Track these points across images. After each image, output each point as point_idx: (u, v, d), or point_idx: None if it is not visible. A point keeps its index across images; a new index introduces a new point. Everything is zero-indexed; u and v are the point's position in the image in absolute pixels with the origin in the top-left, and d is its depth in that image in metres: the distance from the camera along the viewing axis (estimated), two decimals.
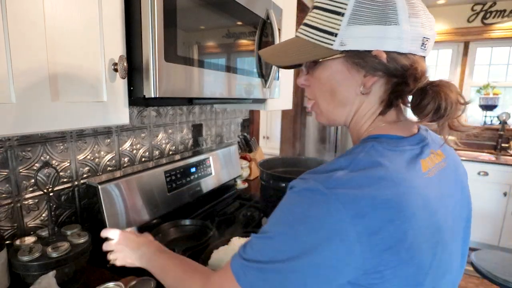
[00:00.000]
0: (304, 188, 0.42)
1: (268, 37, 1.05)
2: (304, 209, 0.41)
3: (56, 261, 0.71)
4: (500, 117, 3.01)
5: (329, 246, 0.39)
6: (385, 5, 0.44)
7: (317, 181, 0.41)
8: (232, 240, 0.88)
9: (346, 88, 0.50)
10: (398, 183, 0.42)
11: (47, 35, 0.51)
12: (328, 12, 0.47)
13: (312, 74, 0.53)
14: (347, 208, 0.38)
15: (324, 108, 0.54)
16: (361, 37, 0.45)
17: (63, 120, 0.56)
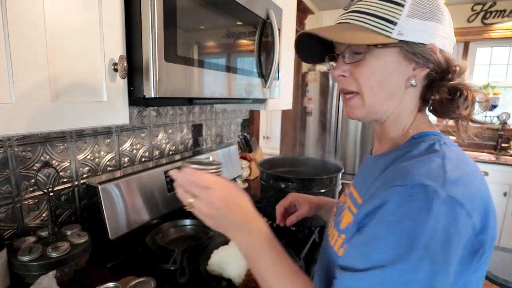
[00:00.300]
0: (424, 199, 0.38)
1: (268, 37, 1.05)
2: (431, 223, 0.37)
3: (56, 261, 0.71)
4: (500, 117, 3.01)
5: (458, 254, 0.39)
6: (436, 5, 0.49)
7: (435, 187, 0.39)
8: None
9: (395, 80, 0.50)
10: (481, 174, 0.45)
11: (47, 35, 0.51)
12: (386, 1, 0.48)
13: (358, 64, 0.51)
14: (468, 208, 0.38)
15: (369, 99, 0.51)
16: (418, 30, 0.47)
17: (63, 120, 0.56)
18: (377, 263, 0.39)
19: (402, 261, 0.37)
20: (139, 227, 0.97)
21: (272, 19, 1.02)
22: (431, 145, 0.47)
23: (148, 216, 1.01)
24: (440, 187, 0.38)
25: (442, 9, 0.50)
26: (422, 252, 0.37)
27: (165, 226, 1.03)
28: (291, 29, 1.49)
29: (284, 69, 1.40)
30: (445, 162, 0.42)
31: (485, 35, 3.09)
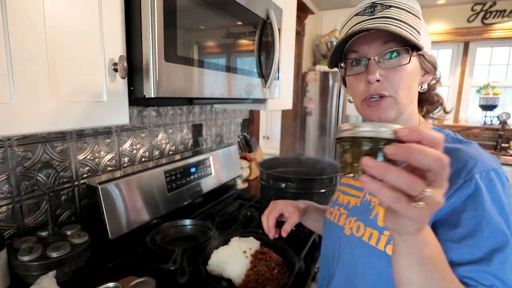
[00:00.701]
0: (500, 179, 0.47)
1: (268, 37, 1.05)
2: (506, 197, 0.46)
3: (56, 261, 0.71)
4: (500, 117, 3.01)
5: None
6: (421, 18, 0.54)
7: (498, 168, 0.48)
8: (232, 240, 0.88)
9: (415, 84, 0.57)
10: None
11: (47, 35, 0.51)
12: (409, 13, 0.53)
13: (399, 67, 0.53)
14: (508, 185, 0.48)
15: (403, 101, 0.54)
16: (426, 40, 0.55)
17: (63, 120, 0.56)
18: (494, 246, 0.42)
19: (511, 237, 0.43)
20: (139, 227, 0.97)
21: (272, 19, 1.02)
22: (455, 137, 0.56)
23: (148, 216, 1.01)
24: (500, 168, 0.48)
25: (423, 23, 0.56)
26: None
27: (165, 226, 1.03)
28: (291, 29, 1.49)
29: (284, 69, 1.40)
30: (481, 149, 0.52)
31: (485, 35, 3.09)
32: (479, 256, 0.43)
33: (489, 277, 0.42)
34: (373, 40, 0.53)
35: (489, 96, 3.07)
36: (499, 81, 3.18)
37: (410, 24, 0.51)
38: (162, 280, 0.77)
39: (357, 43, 0.55)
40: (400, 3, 0.53)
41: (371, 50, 0.54)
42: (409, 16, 0.52)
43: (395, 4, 0.53)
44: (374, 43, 0.53)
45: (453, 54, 3.34)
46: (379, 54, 0.53)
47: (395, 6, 0.52)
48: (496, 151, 3.07)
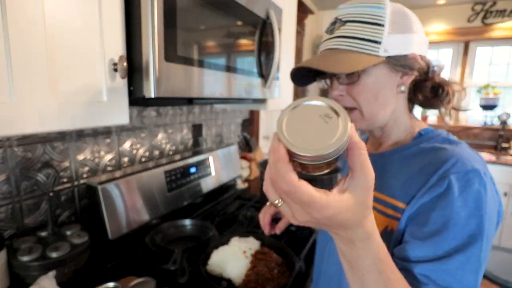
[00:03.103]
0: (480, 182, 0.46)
1: (268, 37, 1.05)
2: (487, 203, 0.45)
3: (56, 261, 0.71)
4: (500, 117, 3.01)
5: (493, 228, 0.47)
6: (408, 17, 0.54)
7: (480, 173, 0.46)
8: (232, 240, 0.88)
9: (387, 90, 0.56)
10: None
11: (47, 35, 0.51)
12: (367, 24, 0.53)
13: (354, 83, 0.56)
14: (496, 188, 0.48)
15: (368, 113, 0.57)
16: (400, 43, 0.53)
17: (63, 120, 0.56)
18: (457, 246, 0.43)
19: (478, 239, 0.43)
20: (139, 227, 0.97)
21: (272, 19, 1.02)
22: (446, 137, 0.55)
23: (148, 216, 1.01)
24: (484, 170, 0.47)
25: (413, 19, 0.55)
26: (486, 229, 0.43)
27: (165, 226, 1.03)
28: (291, 29, 1.49)
29: (284, 69, 1.40)
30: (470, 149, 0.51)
31: (485, 35, 3.09)
32: (440, 255, 0.43)
33: (446, 277, 0.42)
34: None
35: (489, 96, 3.07)
36: (499, 81, 3.18)
37: (364, 37, 0.52)
38: (162, 280, 0.77)
39: None
40: (356, 15, 0.54)
41: None
42: (365, 28, 0.53)
43: (351, 17, 0.54)
44: None
45: (453, 54, 3.34)
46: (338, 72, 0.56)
47: (351, 20, 0.54)
48: (496, 151, 3.07)
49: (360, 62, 0.52)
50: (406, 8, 0.56)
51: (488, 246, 0.44)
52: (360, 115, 0.57)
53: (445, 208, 0.45)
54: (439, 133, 0.57)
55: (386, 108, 0.57)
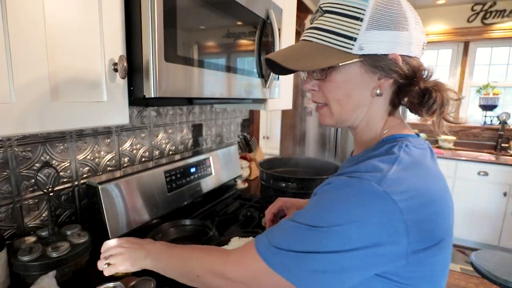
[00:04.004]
0: (358, 187, 0.43)
1: (268, 37, 1.05)
2: (357, 209, 0.42)
3: (56, 261, 0.71)
4: (500, 117, 3.01)
5: (376, 244, 0.41)
6: (397, 13, 0.48)
7: (372, 180, 0.43)
8: (232, 240, 0.88)
9: (361, 91, 0.52)
10: (438, 178, 0.48)
11: (47, 35, 0.51)
12: (345, 17, 0.48)
13: (325, 79, 0.53)
14: (402, 207, 0.41)
15: (337, 111, 0.54)
16: (379, 41, 0.48)
17: (63, 120, 0.56)
18: (299, 220, 0.46)
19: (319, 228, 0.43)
20: (139, 227, 0.97)
21: (272, 19, 1.02)
22: (391, 147, 0.49)
23: (148, 216, 1.01)
24: (377, 182, 0.42)
25: (406, 14, 0.48)
26: (337, 228, 0.42)
27: (165, 226, 1.03)
28: (291, 29, 1.49)
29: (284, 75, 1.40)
30: (394, 163, 0.45)
31: (485, 35, 3.09)
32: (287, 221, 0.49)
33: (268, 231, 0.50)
34: None
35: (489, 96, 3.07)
36: (499, 81, 3.19)
37: (339, 31, 0.48)
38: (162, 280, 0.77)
39: None
40: (337, 5, 0.49)
41: None
42: (341, 21, 0.48)
43: (331, 7, 0.50)
44: None
45: (453, 54, 3.34)
46: None
47: (329, 11, 0.50)
48: (496, 151, 3.07)
49: (328, 58, 0.49)
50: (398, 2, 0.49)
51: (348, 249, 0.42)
52: (329, 111, 0.55)
53: (316, 197, 0.48)
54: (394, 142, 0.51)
55: (357, 109, 0.54)
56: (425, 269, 0.45)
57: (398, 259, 0.43)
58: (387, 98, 0.54)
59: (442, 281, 0.50)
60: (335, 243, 0.42)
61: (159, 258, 0.62)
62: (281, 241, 0.46)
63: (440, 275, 0.48)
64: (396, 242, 0.41)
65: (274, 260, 0.46)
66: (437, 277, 0.48)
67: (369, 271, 0.44)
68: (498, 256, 1.78)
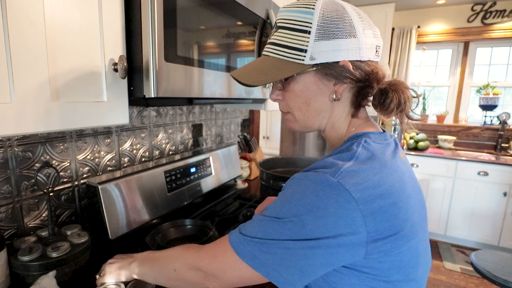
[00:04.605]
0: (314, 179, 0.46)
1: (268, 37, 1.05)
2: (313, 200, 0.44)
3: (56, 261, 0.71)
4: (500, 117, 3.01)
5: (335, 234, 0.43)
6: (344, 21, 0.51)
7: (327, 173, 0.45)
8: None
9: (319, 97, 0.56)
10: (394, 170, 0.49)
11: (47, 35, 0.51)
12: (294, 31, 0.52)
13: (285, 89, 0.57)
14: (356, 197, 0.43)
15: (300, 117, 0.58)
16: (328, 50, 0.51)
17: (63, 120, 0.56)
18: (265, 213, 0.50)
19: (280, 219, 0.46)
20: (139, 227, 0.97)
21: (272, 19, 1.02)
22: (351, 145, 0.52)
23: (148, 216, 1.01)
24: (331, 174, 0.45)
25: (352, 22, 0.51)
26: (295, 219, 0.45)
27: (165, 226, 1.03)
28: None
29: None
30: (352, 159, 0.48)
31: (485, 35, 3.09)
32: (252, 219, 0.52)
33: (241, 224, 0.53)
34: None
35: (489, 96, 3.07)
36: (499, 81, 3.19)
37: (290, 45, 0.52)
38: None
39: None
40: (286, 20, 0.53)
41: None
42: (291, 36, 0.52)
43: (282, 23, 0.54)
44: None
45: (453, 54, 3.34)
46: None
47: (281, 26, 0.54)
48: (496, 151, 3.07)
49: (282, 71, 0.53)
50: (345, 8, 0.51)
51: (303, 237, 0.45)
52: (293, 117, 0.60)
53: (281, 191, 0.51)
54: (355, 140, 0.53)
55: (319, 115, 0.57)
56: (392, 259, 0.47)
57: (359, 249, 0.45)
58: (347, 101, 0.57)
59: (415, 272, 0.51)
60: (293, 232, 0.45)
61: (144, 263, 0.65)
62: (249, 231, 0.50)
63: (411, 265, 0.50)
64: (355, 232, 0.43)
65: (242, 248, 0.49)
66: (407, 267, 0.49)
67: (333, 262, 0.46)
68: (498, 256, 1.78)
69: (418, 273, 0.51)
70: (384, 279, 0.47)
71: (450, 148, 3.17)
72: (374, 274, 0.47)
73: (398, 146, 0.57)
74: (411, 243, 0.49)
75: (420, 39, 3.26)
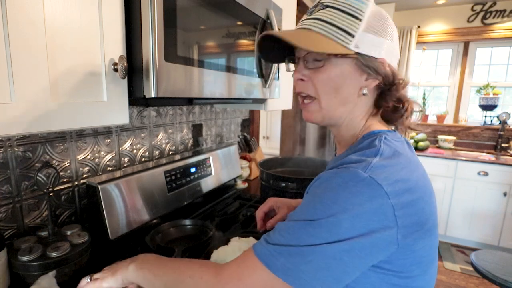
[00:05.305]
0: (345, 176, 0.45)
1: None
2: (347, 196, 0.43)
3: (56, 261, 0.71)
4: (500, 117, 3.01)
5: (369, 231, 0.42)
6: (388, 24, 0.54)
7: (358, 168, 0.45)
8: (232, 240, 0.88)
9: (349, 88, 0.55)
10: (417, 166, 0.50)
11: (47, 35, 0.51)
12: (346, 14, 0.52)
13: (320, 69, 0.54)
14: (388, 191, 0.43)
15: (326, 105, 0.56)
16: (372, 44, 0.52)
17: (63, 120, 0.56)
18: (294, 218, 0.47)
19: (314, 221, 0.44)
20: (139, 227, 0.97)
21: (272, 19, 1.02)
22: (372, 141, 0.52)
23: (148, 216, 1.01)
24: (362, 169, 0.44)
25: (392, 27, 0.55)
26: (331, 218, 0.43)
27: (165, 226, 1.03)
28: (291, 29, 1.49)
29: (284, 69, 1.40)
30: (379, 153, 0.48)
31: (485, 35, 3.09)
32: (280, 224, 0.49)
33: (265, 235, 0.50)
34: None
35: (489, 96, 3.07)
36: (499, 81, 3.19)
37: (340, 26, 0.51)
38: None
39: None
40: (338, 2, 0.53)
41: (301, 50, 0.56)
42: (343, 17, 0.51)
43: (332, 3, 0.53)
44: None
45: (453, 54, 3.34)
46: (305, 55, 0.55)
47: (331, 6, 0.53)
48: (496, 151, 3.07)
49: (329, 47, 0.51)
50: (387, 15, 0.55)
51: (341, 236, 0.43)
52: (318, 106, 0.56)
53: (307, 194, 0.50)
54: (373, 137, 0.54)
55: (345, 106, 0.56)
56: (415, 255, 0.47)
57: (390, 246, 0.44)
58: (371, 100, 0.57)
59: (431, 269, 0.51)
60: (330, 234, 0.42)
61: (146, 266, 0.57)
62: (279, 240, 0.46)
63: (429, 261, 0.50)
64: (388, 227, 0.43)
65: (275, 261, 0.44)
66: (426, 263, 0.49)
67: (366, 262, 0.45)
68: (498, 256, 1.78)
69: (433, 267, 0.52)
70: (406, 275, 0.47)
71: (450, 148, 3.17)
72: (395, 270, 0.46)
73: (409, 144, 0.58)
74: (432, 238, 0.49)
75: (420, 39, 3.26)
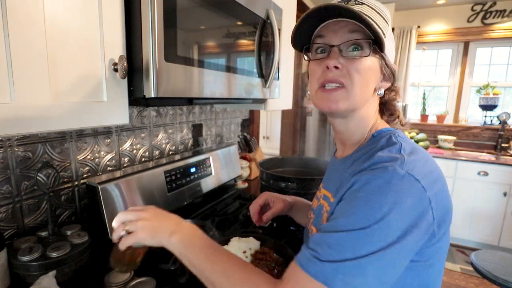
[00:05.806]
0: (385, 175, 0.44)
1: (268, 37, 1.05)
2: (392, 196, 0.43)
3: (56, 261, 0.71)
4: (500, 117, 3.01)
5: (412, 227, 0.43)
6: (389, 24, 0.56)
7: (395, 166, 0.45)
8: (232, 240, 0.88)
9: (372, 84, 0.57)
10: (434, 160, 0.52)
11: (47, 35, 0.51)
12: (381, 17, 0.54)
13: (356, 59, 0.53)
14: (424, 184, 0.44)
15: (354, 94, 0.54)
16: (391, 48, 0.56)
17: (63, 120, 0.56)
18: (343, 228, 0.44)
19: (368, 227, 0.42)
20: None
21: (272, 19, 1.02)
22: (389, 139, 0.53)
23: None
24: (399, 167, 0.45)
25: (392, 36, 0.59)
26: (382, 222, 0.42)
27: None
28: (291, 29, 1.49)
29: (284, 69, 1.40)
30: (402, 149, 0.49)
31: (485, 35, 3.09)
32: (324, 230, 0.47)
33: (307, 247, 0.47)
34: (339, 27, 0.54)
35: (489, 96, 3.07)
36: (499, 81, 3.19)
37: (378, 24, 0.52)
38: (162, 280, 0.77)
39: (325, 29, 0.56)
40: (373, 3, 0.55)
41: (337, 37, 0.54)
42: (378, 18, 0.53)
43: (367, 2, 0.55)
44: (340, 31, 0.54)
45: (453, 54, 3.34)
46: (343, 42, 0.54)
47: (367, 4, 0.54)
48: (496, 151, 3.07)
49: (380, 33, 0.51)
50: None
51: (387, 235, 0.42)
52: (346, 94, 0.54)
53: (347, 200, 0.48)
54: (386, 135, 0.55)
55: (367, 100, 0.57)
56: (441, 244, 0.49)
57: (428, 237, 0.46)
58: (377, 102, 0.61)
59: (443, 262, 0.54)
60: (383, 238, 0.42)
61: (191, 245, 0.53)
62: (333, 255, 0.42)
63: (445, 252, 0.52)
64: (427, 220, 0.44)
65: (334, 279, 0.41)
66: (445, 251, 0.52)
67: (409, 258, 0.46)
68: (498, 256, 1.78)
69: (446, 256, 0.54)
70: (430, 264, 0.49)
71: (450, 148, 3.17)
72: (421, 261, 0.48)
73: None
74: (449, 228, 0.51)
75: (420, 39, 3.26)
